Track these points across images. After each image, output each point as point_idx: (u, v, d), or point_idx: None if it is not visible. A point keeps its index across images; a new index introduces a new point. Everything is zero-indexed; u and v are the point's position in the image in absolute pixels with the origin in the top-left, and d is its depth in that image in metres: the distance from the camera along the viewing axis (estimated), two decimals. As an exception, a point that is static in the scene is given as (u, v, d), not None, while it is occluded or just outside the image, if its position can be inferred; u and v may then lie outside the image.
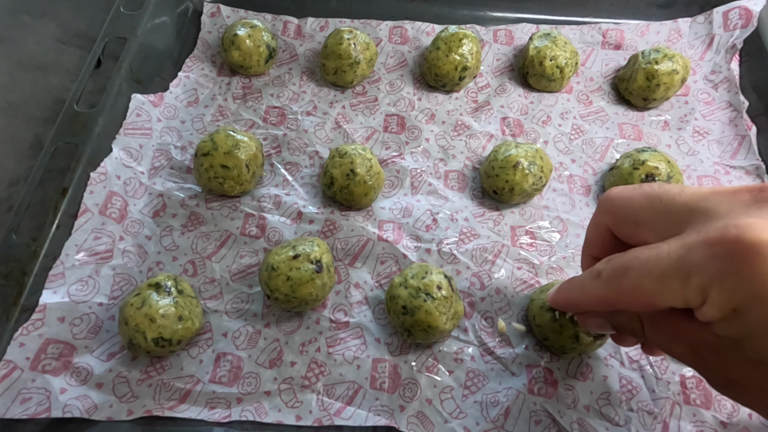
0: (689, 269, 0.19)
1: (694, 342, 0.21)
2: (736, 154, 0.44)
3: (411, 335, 0.34)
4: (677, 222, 0.21)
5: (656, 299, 0.21)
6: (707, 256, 0.19)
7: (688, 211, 0.21)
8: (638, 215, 0.23)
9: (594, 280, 0.24)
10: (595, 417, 0.32)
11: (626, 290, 0.22)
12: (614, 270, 0.23)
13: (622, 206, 0.24)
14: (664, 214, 0.22)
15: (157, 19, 0.47)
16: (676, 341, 0.22)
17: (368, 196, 0.39)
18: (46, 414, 0.31)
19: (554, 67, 0.46)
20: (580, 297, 0.25)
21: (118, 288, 0.36)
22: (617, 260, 0.23)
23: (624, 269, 0.22)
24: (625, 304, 0.23)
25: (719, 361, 0.21)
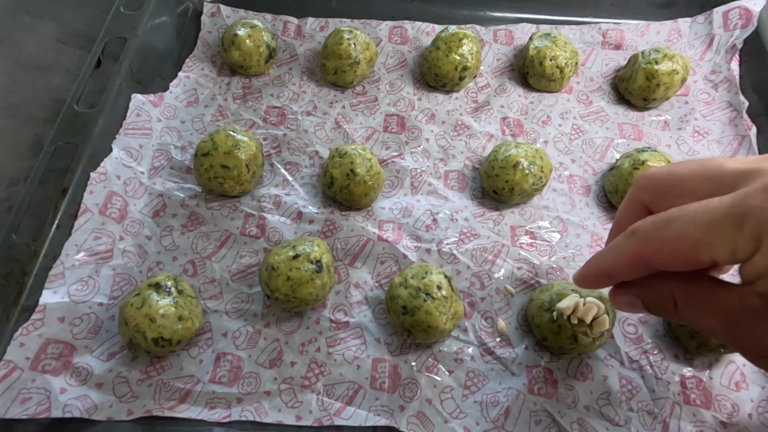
0: (744, 215, 0.19)
1: (732, 310, 0.20)
2: (736, 154, 0.44)
3: (411, 335, 0.34)
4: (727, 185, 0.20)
5: (701, 251, 0.20)
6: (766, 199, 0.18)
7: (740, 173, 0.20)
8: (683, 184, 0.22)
9: (628, 239, 0.23)
10: (595, 417, 0.32)
11: (668, 242, 0.21)
12: (655, 223, 0.22)
13: (664, 178, 0.24)
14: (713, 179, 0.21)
15: (157, 19, 0.47)
16: (712, 313, 0.21)
17: (368, 196, 0.39)
18: (46, 414, 0.31)
19: (554, 67, 0.46)
20: (610, 261, 0.24)
21: (118, 288, 0.36)
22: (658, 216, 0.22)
23: (667, 221, 0.21)
24: (663, 260, 0.22)
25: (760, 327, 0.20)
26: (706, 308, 0.21)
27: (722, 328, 0.21)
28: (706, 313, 0.21)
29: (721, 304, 0.21)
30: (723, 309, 0.21)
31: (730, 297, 0.20)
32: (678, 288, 0.22)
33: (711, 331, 0.22)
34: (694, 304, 0.22)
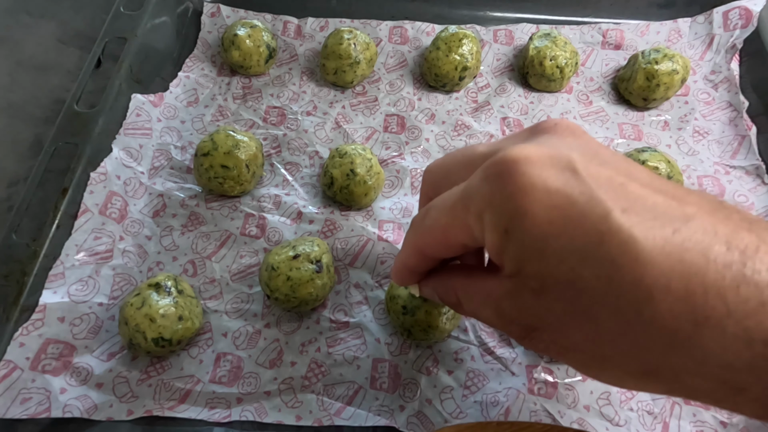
0: (469, 197, 0.20)
1: (496, 297, 0.21)
2: (736, 154, 0.44)
3: (411, 335, 0.34)
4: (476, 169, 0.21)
5: (449, 235, 0.21)
6: (481, 180, 0.19)
7: (484, 156, 0.22)
8: (451, 174, 0.23)
9: (408, 233, 0.24)
10: (595, 417, 0.32)
11: (428, 229, 0.22)
12: (420, 214, 0.23)
13: (437, 170, 0.25)
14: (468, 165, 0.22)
15: (157, 19, 0.47)
16: (486, 304, 0.21)
17: (368, 196, 0.39)
18: (46, 414, 0.31)
19: (554, 67, 0.46)
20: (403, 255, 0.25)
21: (118, 288, 0.36)
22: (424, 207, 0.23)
23: (427, 210, 0.22)
24: (430, 248, 0.23)
25: (515, 308, 0.20)
26: (481, 300, 0.22)
27: (494, 315, 0.21)
28: (482, 305, 0.22)
29: (491, 294, 0.21)
30: (492, 296, 0.21)
31: (494, 285, 0.21)
32: (459, 283, 0.23)
33: (489, 321, 0.22)
34: (471, 298, 0.22)
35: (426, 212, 0.23)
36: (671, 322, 0.16)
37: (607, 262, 0.17)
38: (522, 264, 0.19)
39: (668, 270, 0.16)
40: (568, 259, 0.17)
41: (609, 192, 0.17)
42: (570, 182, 0.18)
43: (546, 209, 0.18)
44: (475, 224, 0.20)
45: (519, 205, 0.18)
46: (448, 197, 0.21)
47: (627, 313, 0.17)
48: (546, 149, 0.19)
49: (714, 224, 0.17)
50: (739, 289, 0.15)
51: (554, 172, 0.18)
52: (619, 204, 0.17)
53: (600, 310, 0.17)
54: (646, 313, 0.16)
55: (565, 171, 0.18)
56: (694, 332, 0.16)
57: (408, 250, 0.24)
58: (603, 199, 0.17)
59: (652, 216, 0.17)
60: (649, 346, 0.17)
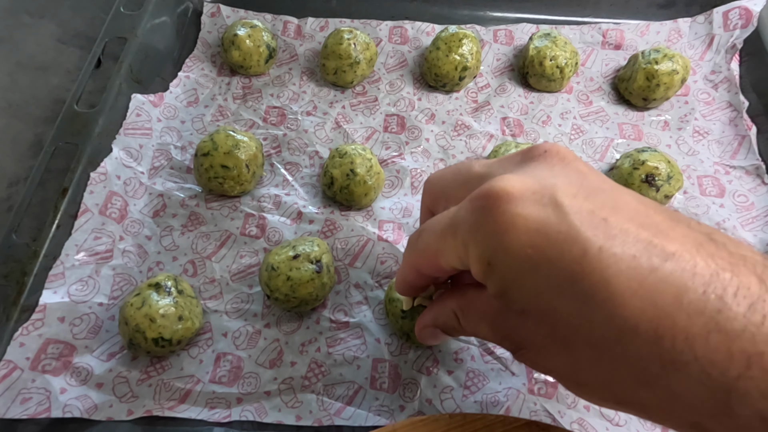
0: (456, 225, 0.20)
1: (490, 314, 0.22)
2: (736, 154, 0.44)
3: (409, 339, 0.34)
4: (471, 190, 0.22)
5: (439, 257, 0.22)
6: (468, 210, 0.20)
7: (479, 178, 0.22)
8: (448, 189, 0.24)
9: (405, 251, 0.25)
10: (595, 417, 0.32)
11: (420, 251, 0.23)
12: (414, 234, 0.24)
13: (435, 184, 0.25)
14: (464, 184, 0.23)
15: (157, 19, 0.47)
16: (481, 321, 0.22)
17: (368, 196, 0.39)
18: (46, 414, 0.31)
19: (554, 67, 0.46)
20: (402, 270, 0.26)
21: (118, 288, 0.36)
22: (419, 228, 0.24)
23: (419, 232, 0.23)
24: (423, 268, 0.24)
25: (505, 326, 0.21)
26: (478, 317, 0.22)
27: (490, 332, 0.22)
28: (479, 322, 0.22)
29: (485, 311, 0.22)
30: (487, 314, 0.22)
31: (488, 303, 0.22)
32: (456, 303, 0.24)
33: (486, 337, 0.23)
34: (469, 316, 0.23)
35: (419, 234, 0.23)
36: (639, 363, 0.17)
37: (580, 300, 0.17)
38: (504, 291, 0.20)
39: (639, 312, 0.16)
40: (546, 293, 0.18)
41: (589, 229, 0.17)
42: (550, 219, 0.18)
43: (524, 248, 0.18)
44: (462, 252, 0.21)
45: (500, 242, 0.19)
46: (438, 222, 0.22)
47: (600, 346, 0.17)
48: (531, 182, 0.19)
49: (694, 264, 0.16)
50: (709, 336, 0.16)
51: (535, 208, 0.18)
52: (597, 242, 0.17)
53: (576, 341, 0.18)
54: (617, 350, 0.17)
55: (547, 207, 0.18)
56: (661, 374, 0.16)
57: (406, 267, 0.25)
58: (581, 237, 0.17)
59: (630, 254, 0.17)
60: (620, 381, 0.18)
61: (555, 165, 0.21)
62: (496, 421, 0.26)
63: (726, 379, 0.15)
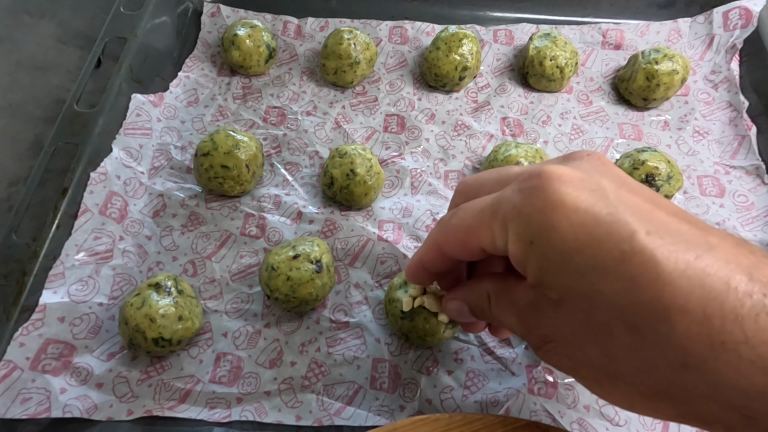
0: (498, 204, 0.21)
1: (520, 305, 0.22)
2: (736, 154, 0.44)
3: (408, 339, 0.34)
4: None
5: (471, 237, 0.22)
6: (514, 192, 0.20)
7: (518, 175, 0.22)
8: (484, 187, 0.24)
9: (433, 230, 0.25)
10: (595, 417, 0.32)
11: (452, 228, 0.23)
12: (448, 213, 0.24)
13: (472, 183, 0.26)
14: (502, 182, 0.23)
15: (157, 19, 0.47)
16: (510, 310, 0.23)
17: (368, 196, 0.39)
18: (46, 414, 0.31)
19: (554, 67, 0.46)
20: (422, 251, 0.26)
21: (118, 288, 0.36)
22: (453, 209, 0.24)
23: (456, 211, 0.23)
24: (450, 246, 0.24)
25: (535, 318, 0.21)
26: (508, 304, 0.23)
27: (517, 323, 0.22)
28: (507, 310, 0.23)
29: (516, 301, 0.22)
30: (517, 305, 0.22)
31: (520, 292, 0.22)
32: (492, 287, 0.24)
33: (511, 327, 0.23)
34: (500, 302, 0.23)
35: (454, 212, 0.23)
36: (686, 343, 0.16)
37: (627, 279, 0.17)
38: (543, 275, 0.20)
39: (687, 292, 0.16)
40: (589, 275, 0.18)
41: (635, 215, 0.18)
42: (598, 203, 0.18)
43: (573, 226, 0.18)
44: (500, 232, 0.21)
45: (547, 219, 0.19)
46: (479, 202, 0.22)
47: (643, 330, 0.17)
48: (579, 172, 0.20)
49: (737, 255, 0.17)
50: (758, 318, 0.16)
51: (585, 192, 0.19)
52: (644, 227, 0.18)
53: (616, 326, 0.18)
54: (662, 331, 0.17)
55: (595, 193, 0.19)
56: (709, 355, 0.16)
57: (428, 245, 0.25)
58: (629, 221, 0.18)
59: (675, 241, 0.17)
60: (662, 365, 0.17)
61: (598, 165, 0.21)
62: (496, 422, 0.26)
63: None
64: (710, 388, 0.17)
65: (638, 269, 0.17)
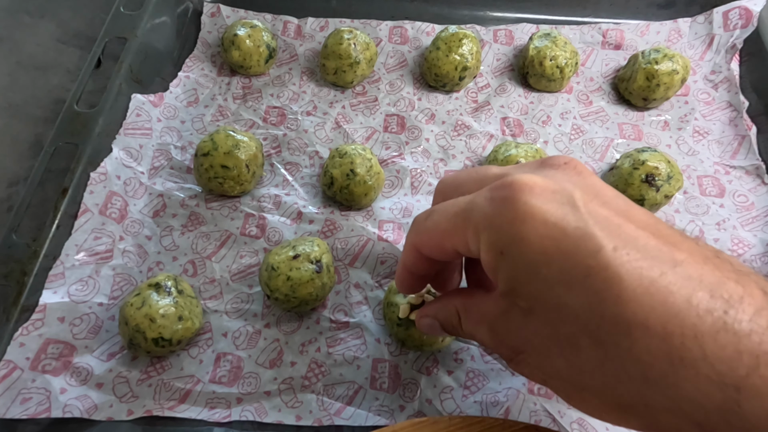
0: (470, 211, 0.21)
1: (491, 316, 0.22)
2: (736, 154, 0.44)
3: (405, 345, 0.34)
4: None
5: (445, 239, 0.22)
6: (486, 199, 0.20)
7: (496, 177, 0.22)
8: (462, 187, 0.24)
9: (409, 231, 0.25)
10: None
11: (427, 230, 0.23)
12: (423, 214, 0.24)
13: (450, 183, 0.26)
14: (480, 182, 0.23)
15: (157, 19, 0.47)
16: (481, 323, 0.23)
17: (368, 196, 0.39)
18: (46, 414, 0.31)
19: (554, 67, 0.46)
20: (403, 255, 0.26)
21: (118, 288, 0.36)
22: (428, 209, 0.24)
23: (430, 212, 0.24)
24: (425, 247, 0.24)
25: (506, 328, 0.21)
26: (478, 318, 0.23)
27: (488, 335, 0.22)
28: (478, 323, 0.23)
29: (487, 313, 0.22)
30: (488, 316, 0.22)
31: (491, 305, 0.22)
32: (460, 303, 0.24)
33: (482, 341, 0.23)
34: (470, 316, 0.23)
35: (429, 214, 0.24)
36: (647, 358, 0.17)
37: (592, 294, 0.18)
38: (513, 284, 0.20)
39: (649, 309, 0.17)
40: (557, 287, 0.18)
41: (604, 230, 0.18)
42: (567, 216, 0.19)
43: (541, 238, 0.19)
44: (472, 239, 0.21)
45: (516, 231, 0.19)
46: (453, 205, 0.22)
47: (606, 344, 0.18)
48: (551, 183, 0.20)
49: (701, 273, 0.17)
50: (717, 335, 0.16)
51: (554, 205, 0.19)
52: (611, 242, 0.18)
53: (581, 339, 0.18)
54: (624, 346, 0.17)
55: (565, 205, 0.19)
56: (669, 371, 0.17)
57: (407, 248, 0.25)
58: (597, 235, 0.18)
59: (642, 257, 0.17)
60: (625, 379, 0.18)
61: (573, 176, 0.21)
62: (495, 425, 0.26)
63: (735, 376, 0.16)
64: (670, 402, 0.17)
65: (603, 285, 0.17)
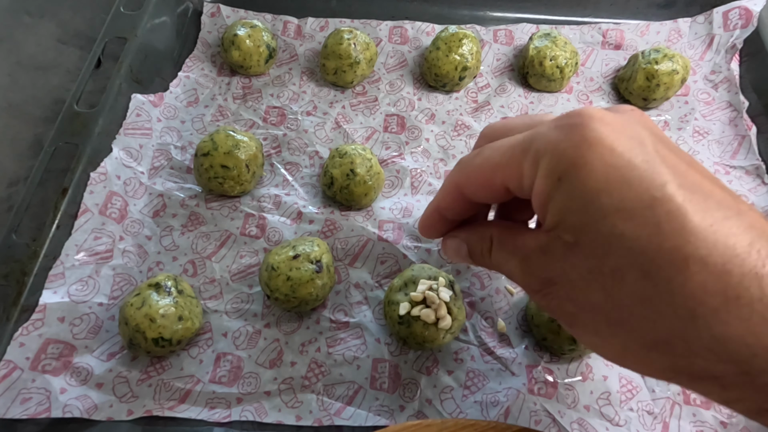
0: (531, 141, 0.20)
1: (526, 249, 0.22)
2: (736, 154, 0.44)
3: (406, 344, 0.34)
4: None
5: (497, 174, 0.22)
6: (551, 128, 0.20)
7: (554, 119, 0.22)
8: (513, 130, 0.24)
9: (452, 171, 0.25)
10: (595, 417, 0.32)
11: (476, 167, 0.23)
12: (471, 153, 0.24)
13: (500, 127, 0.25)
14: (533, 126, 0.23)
15: (157, 19, 0.47)
16: (514, 254, 0.22)
17: (368, 196, 0.39)
18: (46, 414, 0.31)
19: (554, 67, 0.46)
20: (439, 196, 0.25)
21: (118, 288, 0.36)
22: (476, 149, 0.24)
23: (479, 150, 0.23)
24: (471, 187, 0.23)
25: (541, 261, 0.21)
26: (512, 250, 0.23)
27: (518, 267, 0.22)
28: (510, 255, 0.23)
29: (522, 246, 0.22)
30: (522, 250, 0.22)
31: (529, 238, 0.22)
32: (496, 231, 0.24)
33: (511, 272, 0.23)
34: (503, 246, 0.23)
35: (479, 152, 0.23)
36: (700, 294, 0.16)
37: (652, 224, 0.17)
38: (563, 215, 0.19)
39: (711, 245, 0.16)
40: (613, 216, 0.18)
41: (670, 169, 0.18)
42: (635, 150, 0.18)
43: (606, 166, 0.18)
44: (529, 168, 0.20)
45: (581, 155, 0.18)
46: (508, 140, 0.22)
47: (657, 278, 0.17)
48: (621, 119, 0.19)
49: (763, 225, 0.17)
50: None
51: (623, 137, 0.19)
52: (677, 180, 0.18)
53: (629, 272, 0.18)
54: (678, 280, 0.17)
55: (633, 140, 0.19)
56: (722, 308, 0.16)
57: (446, 189, 0.25)
58: (663, 171, 0.18)
59: (706, 198, 0.17)
60: (669, 315, 0.17)
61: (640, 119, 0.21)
62: (488, 428, 0.26)
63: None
64: (713, 341, 0.17)
65: (666, 216, 0.17)
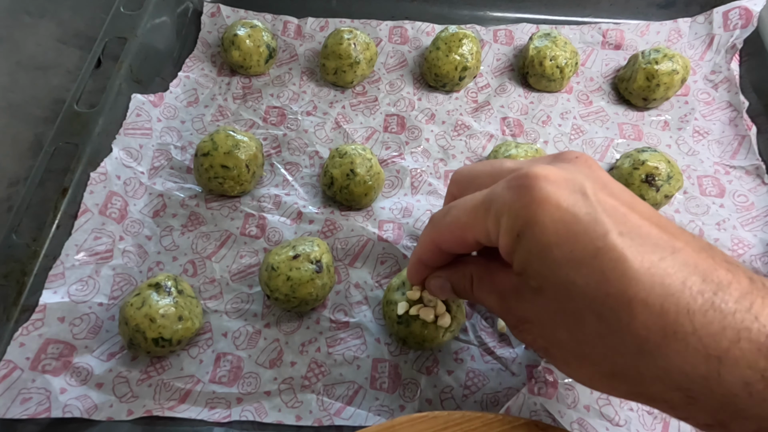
0: (490, 201, 0.23)
1: (503, 288, 0.24)
2: (736, 154, 0.44)
3: (406, 344, 0.34)
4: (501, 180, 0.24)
5: (467, 232, 0.24)
6: (504, 189, 0.22)
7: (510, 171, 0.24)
8: (477, 179, 0.26)
9: (426, 228, 0.27)
10: (595, 417, 0.32)
11: (447, 226, 0.25)
12: (441, 211, 0.26)
13: (466, 175, 0.28)
14: (494, 175, 0.25)
15: (157, 19, 0.47)
16: (492, 292, 0.25)
17: (368, 196, 0.39)
18: (46, 414, 0.31)
19: (554, 67, 0.46)
20: (419, 249, 0.28)
21: (118, 288, 0.36)
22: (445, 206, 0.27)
23: (448, 209, 0.25)
24: (446, 242, 0.26)
25: (516, 301, 0.23)
26: (490, 287, 0.25)
27: (497, 304, 0.25)
28: (490, 291, 0.25)
29: (499, 284, 0.25)
30: (499, 287, 0.25)
31: (504, 278, 0.24)
32: (475, 269, 0.26)
33: (491, 307, 0.25)
34: (483, 284, 0.26)
35: (447, 210, 0.25)
36: (643, 332, 0.19)
37: (598, 272, 0.19)
38: (527, 265, 0.22)
39: (649, 287, 0.19)
40: (566, 267, 0.20)
41: (611, 217, 0.20)
42: (578, 203, 0.21)
43: (554, 222, 0.20)
44: (492, 226, 0.23)
45: (532, 215, 0.21)
46: (471, 199, 0.24)
47: (608, 318, 0.20)
48: (564, 173, 0.22)
49: (696, 260, 0.19)
50: (706, 313, 0.18)
51: (567, 192, 0.21)
52: (617, 228, 0.20)
53: (586, 314, 0.20)
54: (624, 320, 0.19)
55: (577, 193, 0.21)
56: (662, 343, 0.19)
57: (424, 244, 0.27)
58: (604, 221, 0.20)
59: (643, 242, 0.20)
60: (621, 350, 0.20)
61: (584, 168, 0.23)
62: (495, 420, 0.26)
63: (718, 348, 0.18)
64: (660, 371, 0.19)
65: (609, 265, 0.19)
